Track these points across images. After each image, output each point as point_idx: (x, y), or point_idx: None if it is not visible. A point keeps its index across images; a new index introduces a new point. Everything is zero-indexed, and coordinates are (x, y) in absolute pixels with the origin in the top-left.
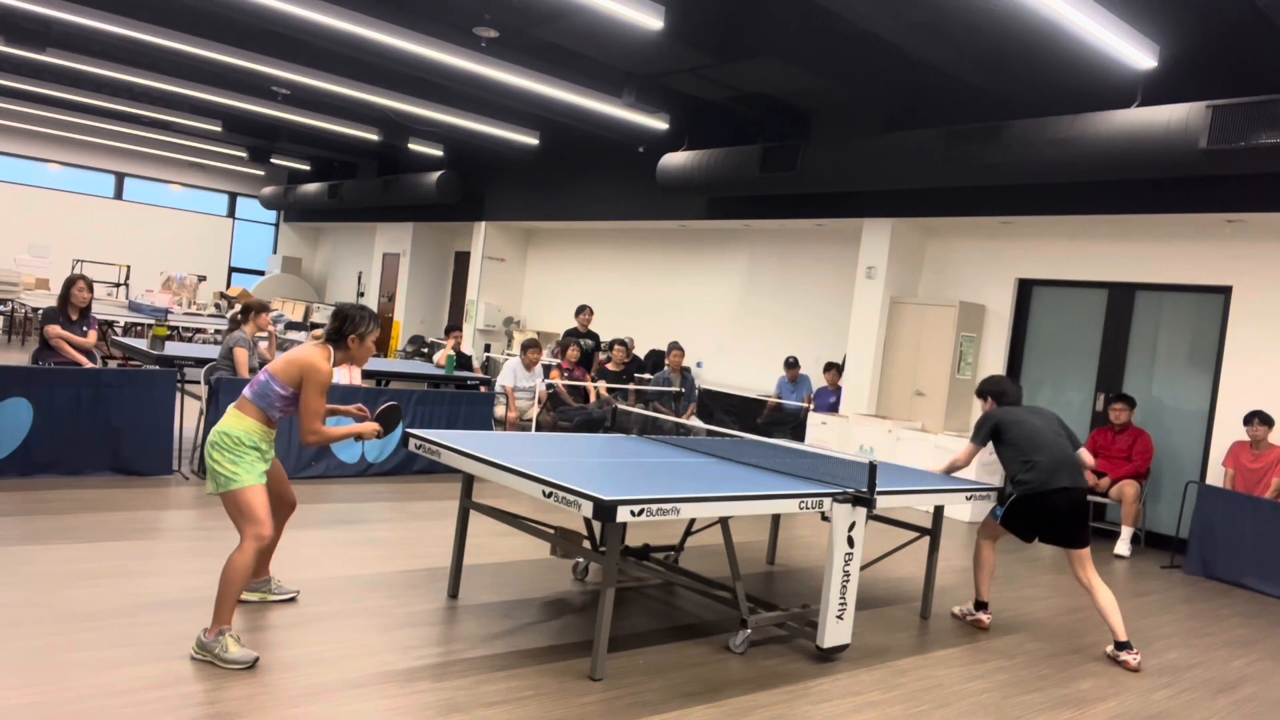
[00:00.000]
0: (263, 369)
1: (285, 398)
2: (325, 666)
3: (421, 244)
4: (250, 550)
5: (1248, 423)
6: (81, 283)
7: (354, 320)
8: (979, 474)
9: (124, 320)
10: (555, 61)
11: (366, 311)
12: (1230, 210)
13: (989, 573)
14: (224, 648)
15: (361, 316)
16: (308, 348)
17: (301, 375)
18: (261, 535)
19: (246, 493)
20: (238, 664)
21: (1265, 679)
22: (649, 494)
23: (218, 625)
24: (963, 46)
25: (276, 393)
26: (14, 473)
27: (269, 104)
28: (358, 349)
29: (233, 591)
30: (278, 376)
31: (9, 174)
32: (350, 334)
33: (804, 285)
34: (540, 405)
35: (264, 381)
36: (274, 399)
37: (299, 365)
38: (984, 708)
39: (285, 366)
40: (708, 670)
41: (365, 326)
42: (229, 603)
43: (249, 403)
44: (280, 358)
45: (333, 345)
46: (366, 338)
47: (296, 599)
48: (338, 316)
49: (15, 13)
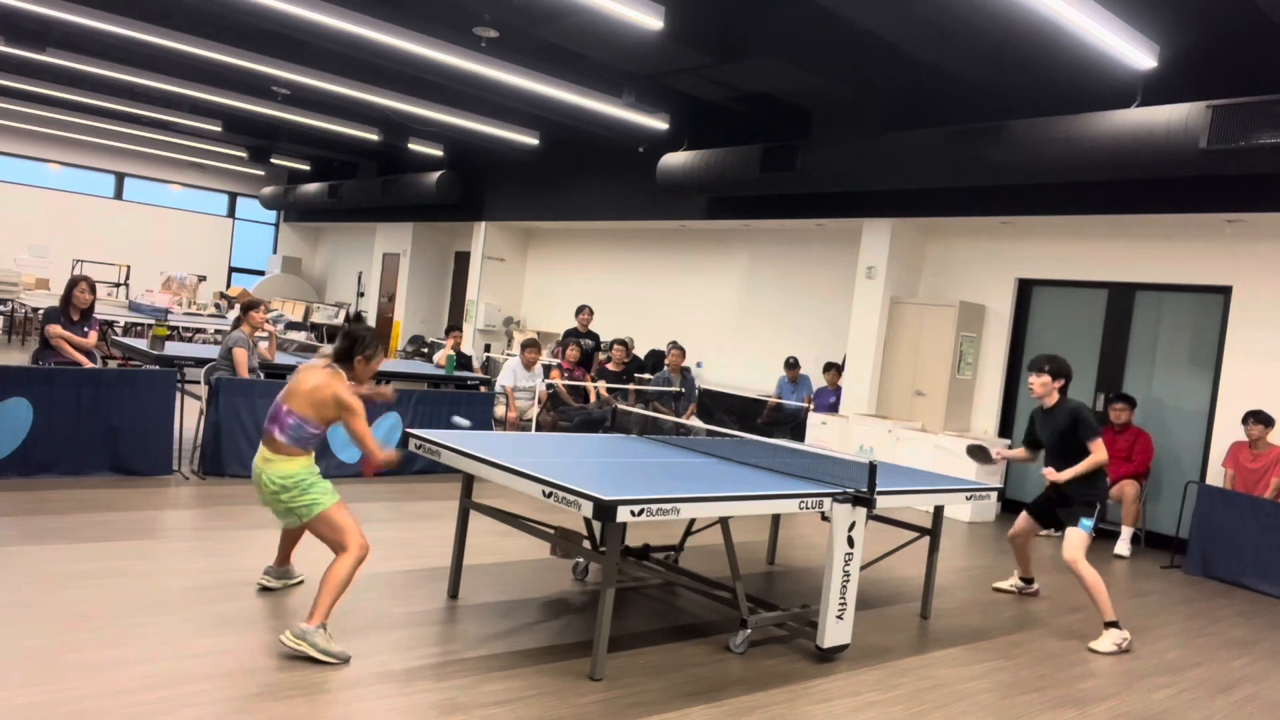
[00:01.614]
0: (286, 412)
1: (319, 434)
2: (325, 666)
3: (421, 244)
4: (354, 559)
5: (1245, 423)
6: (84, 284)
7: (363, 342)
8: (979, 474)
9: (124, 320)
10: (555, 61)
11: (375, 335)
12: (1230, 210)
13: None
14: (328, 639)
15: (370, 339)
16: (327, 381)
17: (338, 414)
18: (362, 543)
19: (331, 513)
20: (335, 658)
21: (1265, 679)
22: (649, 494)
23: (318, 619)
24: (963, 46)
25: (312, 434)
26: (14, 473)
27: (269, 104)
28: (362, 369)
29: (334, 593)
30: (310, 419)
31: (9, 174)
32: (358, 355)
33: (804, 285)
34: (540, 405)
35: (295, 424)
36: (310, 439)
37: (331, 406)
38: (984, 708)
39: (314, 408)
40: (708, 670)
41: (372, 349)
42: (329, 602)
43: (288, 446)
44: (299, 396)
45: (341, 365)
46: (372, 360)
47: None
48: (348, 338)
49: (15, 13)
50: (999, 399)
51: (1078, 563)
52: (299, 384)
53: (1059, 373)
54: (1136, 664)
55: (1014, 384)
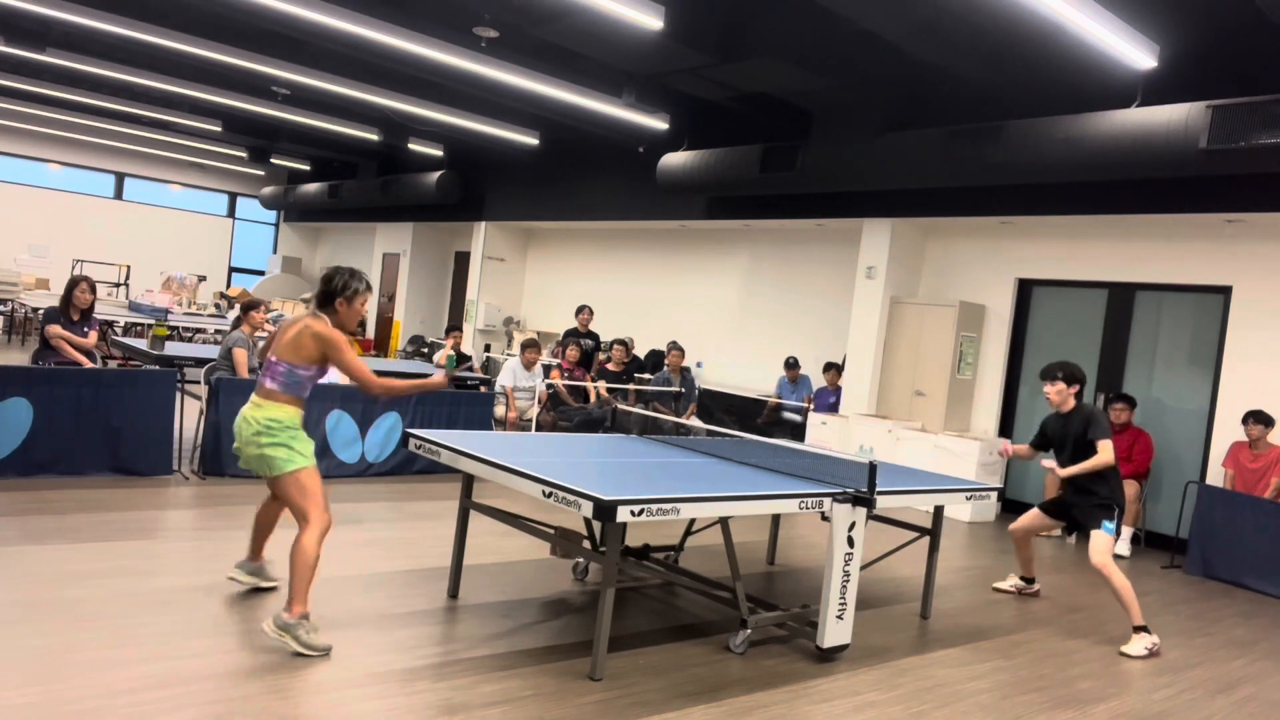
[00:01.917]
0: (275, 361)
1: (311, 376)
2: (325, 666)
3: (421, 244)
4: (318, 530)
5: (1245, 423)
6: (84, 284)
7: (341, 282)
8: (979, 474)
9: (124, 320)
10: (555, 61)
11: (355, 272)
12: (1230, 210)
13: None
14: (308, 630)
15: (350, 277)
16: (304, 322)
17: (322, 351)
18: (324, 516)
19: (304, 474)
20: (316, 650)
21: (1265, 679)
22: (649, 494)
23: (299, 608)
24: (963, 46)
25: (303, 376)
26: (14, 473)
27: (269, 104)
28: (346, 311)
29: (307, 573)
30: (297, 361)
31: (9, 174)
32: (338, 297)
33: (804, 285)
34: (540, 405)
35: (285, 370)
36: (304, 381)
37: (314, 343)
38: (984, 708)
39: (298, 349)
40: (708, 670)
41: (353, 288)
42: (304, 585)
43: (280, 392)
44: (283, 343)
45: (324, 311)
46: (355, 300)
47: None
48: (325, 280)
49: (15, 13)
50: (999, 399)
51: (1106, 566)
52: (281, 335)
53: (1072, 378)
54: (1136, 664)
55: (1014, 384)
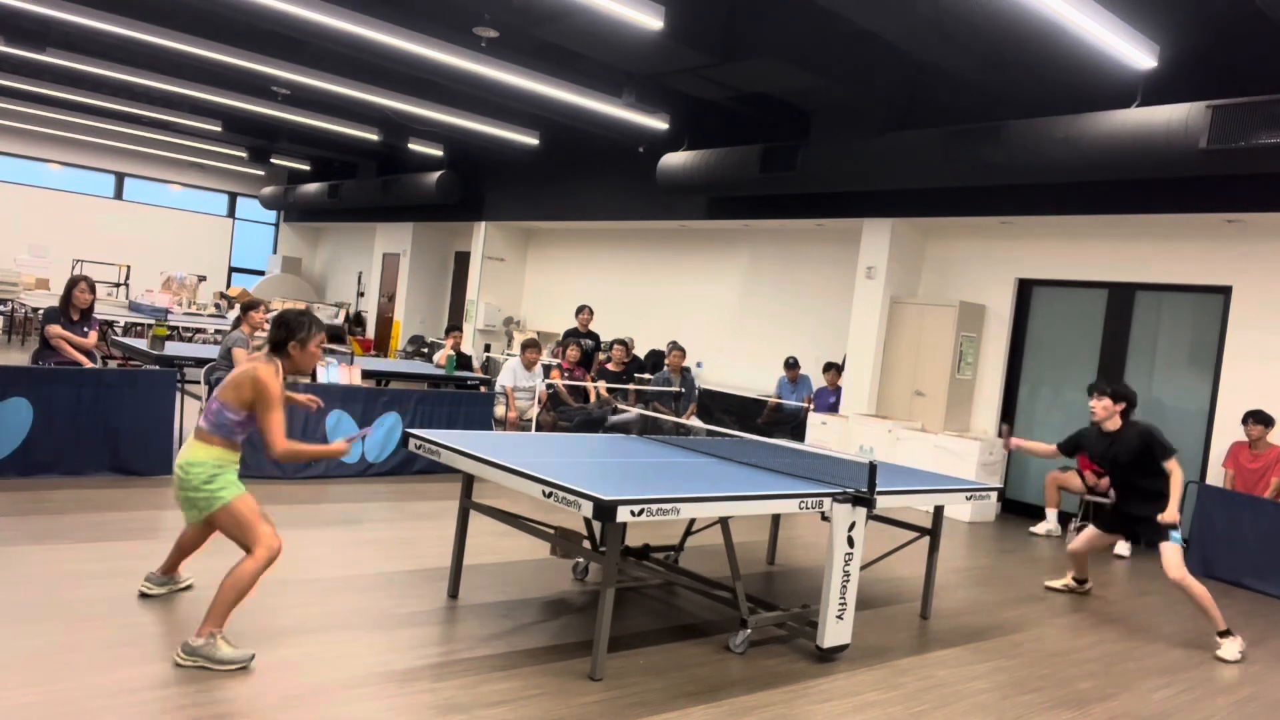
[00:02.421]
0: (214, 399)
1: (240, 422)
2: (325, 666)
3: (421, 244)
4: (264, 557)
5: (1244, 423)
6: (84, 284)
7: (291, 327)
8: (979, 474)
9: (124, 320)
10: (555, 61)
11: (307, 317)
12: (1230, 210)
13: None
14: (215, 648)
15: (299, 323)
16: (252, 366)
17: (253, 397)
18: (272, 542)
19: (235, 505)
20: (233, 664)
21: (1265, 679)
22: (649, 494)
23: (208, 628)
24: (963, 46)
25: (231, 420)
26: (14, 473)
27: (269, 104)
28: (300, 355)
29: (233, 599)
30: (228, 403)
31: (9, 174)
32: (292, 342)
33: (804, 285)
34: (540, 405)
35: (216, 410)
36: (232, 426)
37: (247, 387)
38: (984, 708)
39: (234, 392)
40: (708, 670)
41: (305, 333)
42: (225, 609)
43: (207, 432)
44: (226, 382)
45: (277, 354)
46: (308, 344)
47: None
48: (277, 325)
49: (15, 13)
50: (999, 399)
51: (1185, 579)
52: (231, 375)
53: (1119, 396)
54: (1136, 664)
55: (1014, 384)
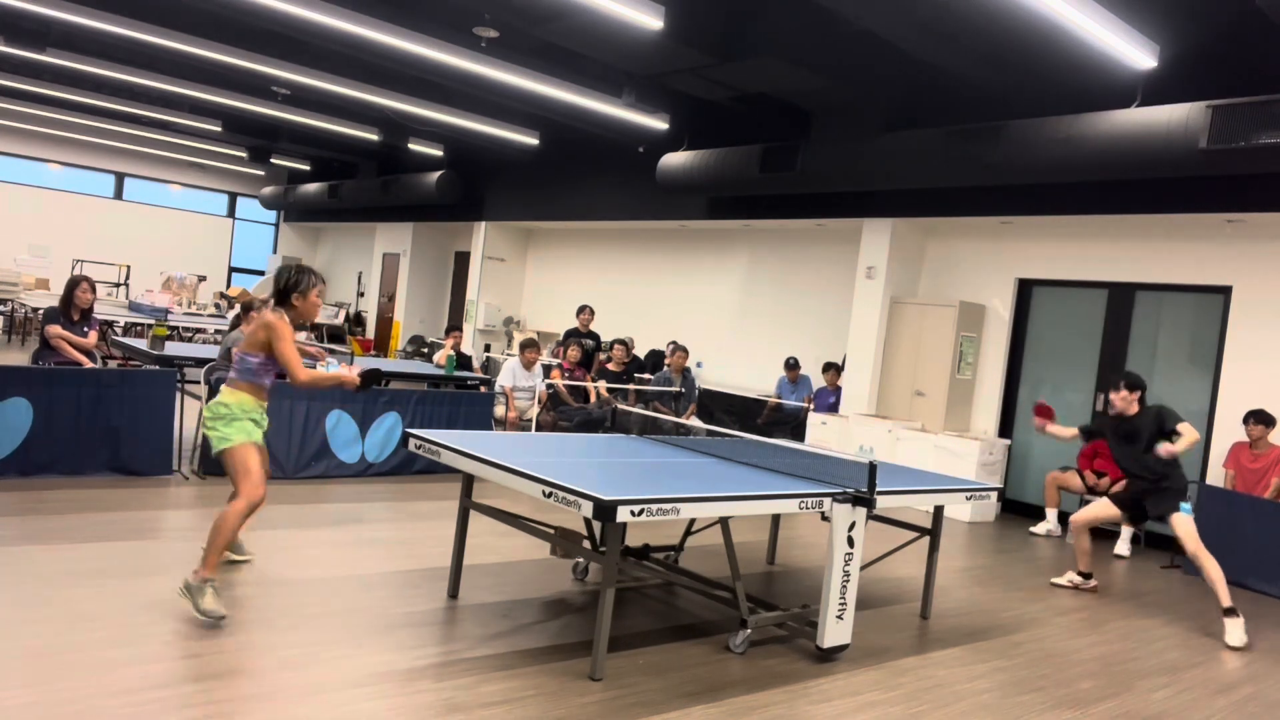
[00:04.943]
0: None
1: (262, 363)
2: (325, 666)
3: (421, 244)
4: (244, 504)
5: (1245, 423)
6: (85, 284)
7: (292, 279)
8: (979, 474)
9: (124, 320)
10: (555, 61)
11: (303, 267)
12: (1230, 210)
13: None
14: (203, 594)
15: (298, 272)
16: (264, 315)
17: (267, 339)
18: (254, 492)
19: (239, 450)
20: (209, 616)
21: (1265, 679)
22: (649, 494)
23: (205, 572)
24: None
25: (253, 363)
26: (14, 473)
27: (269, 104)
28: (303, 304)
29: (221, 541)
30: (247, 350)
31: (9, 174)
32: (293, 293)
33: (804, 285)
34: (540, 405)
35: (239, 358)
36: (255, 368)
37: (260, 331)
38: (984, 708)
39: (251, 338)
40: (708, 670)
41: (305, 283)
42: (217, 551)
43: (235, 379)
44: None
45: (283, 308)
46: (309, 293)
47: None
48: (277, 279)
49: (15, 13)
50: (999, 399)
51: (1200, 552)
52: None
53: (1134, 385)
54: (1136, 664)
55: (1014, 384)
